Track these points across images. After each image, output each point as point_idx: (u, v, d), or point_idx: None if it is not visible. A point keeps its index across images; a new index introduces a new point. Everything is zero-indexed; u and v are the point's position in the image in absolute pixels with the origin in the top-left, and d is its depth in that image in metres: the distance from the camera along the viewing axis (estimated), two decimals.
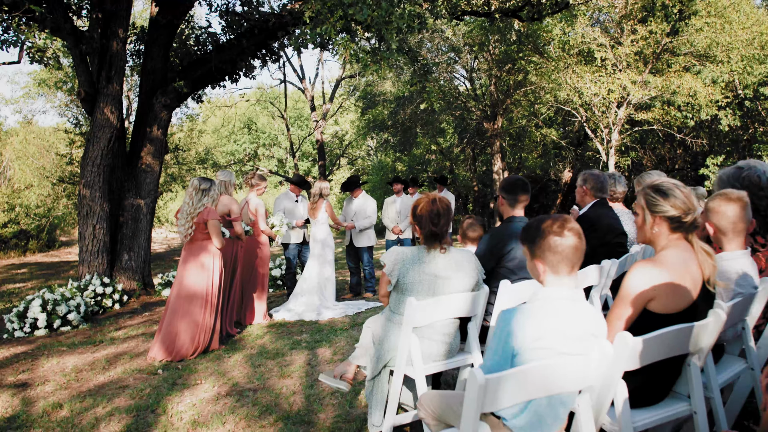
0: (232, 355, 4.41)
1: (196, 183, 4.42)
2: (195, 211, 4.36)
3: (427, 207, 2.36)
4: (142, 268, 8.15)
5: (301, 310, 5.94)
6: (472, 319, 2.46)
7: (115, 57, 7.69)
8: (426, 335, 2.37)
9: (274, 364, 4.08)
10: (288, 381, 3.68)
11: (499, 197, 2.83)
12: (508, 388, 1.34)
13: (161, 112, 8.49)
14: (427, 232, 2.37)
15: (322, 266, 6.28)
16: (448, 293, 2.34)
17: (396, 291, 2.39)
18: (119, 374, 4.05)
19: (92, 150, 7.55)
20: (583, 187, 3.36)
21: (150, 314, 6.48)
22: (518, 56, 18.95)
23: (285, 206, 6.60)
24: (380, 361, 2.38)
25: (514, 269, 2.62)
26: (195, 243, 4.48)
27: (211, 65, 8.71)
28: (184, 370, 4.06)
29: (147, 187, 8.33)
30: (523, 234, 1.67)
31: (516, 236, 2.66)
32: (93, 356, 4.60)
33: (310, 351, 4.38)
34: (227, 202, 4.94)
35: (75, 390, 3.75)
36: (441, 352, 2.39)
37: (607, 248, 3.10)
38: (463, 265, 2.41)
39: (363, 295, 7.03)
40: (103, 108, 7.58)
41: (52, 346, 5.09)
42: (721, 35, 14.52)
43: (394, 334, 2.35)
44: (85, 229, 7.53)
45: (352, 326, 5.18)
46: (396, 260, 2.38)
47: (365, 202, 7.01)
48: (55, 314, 6.08)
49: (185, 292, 4.42)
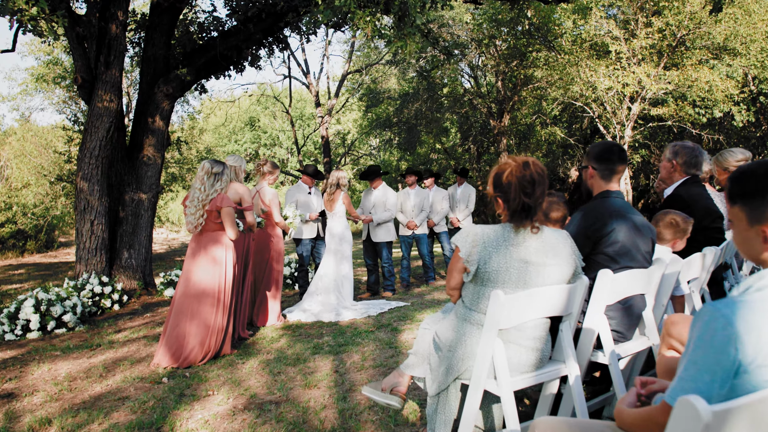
0: (247, 360, 3.90)
1: (207, 166, 3.92)
2: (207, 198, 3.85)
3: (517, 171, 1.83)
4: (143, 266, 7.66)
5: (318, 310, 5.43)
6: (564, 319, 1.95)
7: (114, 41, 7.20)
8: (512, 339, 1.86)
9: (295, 371, 3.57)
10: (315, 392, 3.17)
11: (587, 168, 2.31)
12: (740, 426, 0.83)
13: (163, 102, 8.01)
14: (516, 205, 1.82)
15: (339, 262, 5.78)
16: (542, 285, 1.85)
17: (474, 282, 1.88)
18: (118, 383, 3.54)
19: (90, 140, 7.07)
20: (673, 162, 2.85)
21: (152, 315, 5.98)
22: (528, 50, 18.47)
23: (298, 199, 6.10)
24: (450, 373, 1.86)
25: (615, 256, 2.11)
26: (205, 234, 3.98)
27: (215, 52, 8.23)
28: (192, 379, 3.55)
29: (148, 181, 7.84)
30: (737, 186, 1.13)
31: (616, 214, 2.15)
32: (89, 362, 4.10)
33: (335, 356, 3.87)
34: (238, 190, 4.44)
35: (67, 402, 3.24)
36: (531, 361, 1.88)
37: (705, 234, 2.60)
38: (559, 248, 1.90)
39: (382, 295, 6.51)
40: (101, 95, 7.09)
41: (44, 350, 4.60)
42: (742, 27, 14.05)
43: (472, 338, 1.84)
44: (83, 225, 7.05)
45: (378, 328, 4.67)
46: (475, 241, 1.86)
47: (385, 194, 6.49)
48: (49, 315, 5.60)
49: (194, 289, 3.91)
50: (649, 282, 2.13)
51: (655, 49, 16.04)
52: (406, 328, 4.58)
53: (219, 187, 3.89)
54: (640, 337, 2.24)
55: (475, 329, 1.85)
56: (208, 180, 3.86)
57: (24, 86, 19.01)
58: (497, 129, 21.76)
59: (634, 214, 2.20)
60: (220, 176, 3.91)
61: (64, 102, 18.99)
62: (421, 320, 4.89)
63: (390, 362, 3.63)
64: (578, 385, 1.86)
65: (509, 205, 1.84)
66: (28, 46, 18.10)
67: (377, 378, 3.32)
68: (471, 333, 1.85)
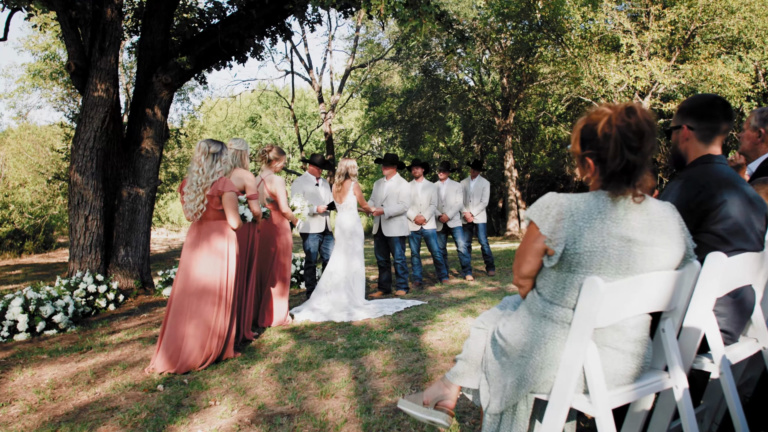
0: (252, 365, 3.48)
1: (204, 146, 3.49)
2: (208, 181, 3.43)
3: (618, 120, 1.37)
4: (141, 264, 7.25)
5: (328, 309, 5.01)
6: (665, 316, 1.53)
7: (109, 26, 6.81)
8: (609, 342, 1.43)
9: (308, 377, 3.15)
10: (333, 402, 2.74)
11: (681, 128, 1.87)
12: None
13: (161, 92, 7.62)
14: (616, 165, 1.38)
15: (350, 258, 5.36)
16: (648, 271, 1.43)
17: (559, 268, 1.45)
18: (107, 391, 3.12)
19: (84, 131, 6.68)
20: (761, 130, 2.39)
21: (149, 315, 5.57)
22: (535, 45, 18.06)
23: (305, 190, 5.69)
24: (522, 385, 1.44)
25: (727, 235, 1.67)
26: (206, 223, 3.55)
27: (216, 40, 7.84)
28: (191, 386, 3.14)
29: (146, 174, 7.44)
30: None
31: (726, 184, 1.71)
32: (77, 366, 3.69)
33: (352, 360, 3.44)
34: (242, 176, 4.02)
35: (48, 413, 2.83)
36: (630, 370, 1.44)
37: None
38: (667, 224, 1.46)
39: (394, 293, 6.08)
40: (96, 83, 6.70)
41: (30, 353, 4.19)
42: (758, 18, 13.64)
43: (555, 341, 1.41)
44: (77, 221, 6.65)
45: (396, 329, 4.25)
46: (560, 214, 1.41)
47: (399, 185, 6.05)
48: (38, 316, 5.20)
49: (194, 285, 3.48)
50: (760, 269, 1.71)
51: (667, 43, 15.63)
52: (428, 329, 4.16)
53: (219, 168, 3.48)
54: (747, 339, 1.82)
55: (559, 329, 1.42)
56: (206, 161, 3.44)
57: (21, 83, 18.63)
58: (502, 127, 21.37)
59: (745, 185, 1.77)
60: (219, 156, 3.49)
61: (62, 99, 18.64)
62: (442, 320, 4.46)
63: (415, 367, 3.21)
64: (687, 401, 1.45)
65: (605, 166, 1.40)
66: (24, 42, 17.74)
67: (405, 386, 2.90)
68: (553, 334, 1.42)
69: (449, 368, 3.11)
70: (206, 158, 3.45)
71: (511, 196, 20.79)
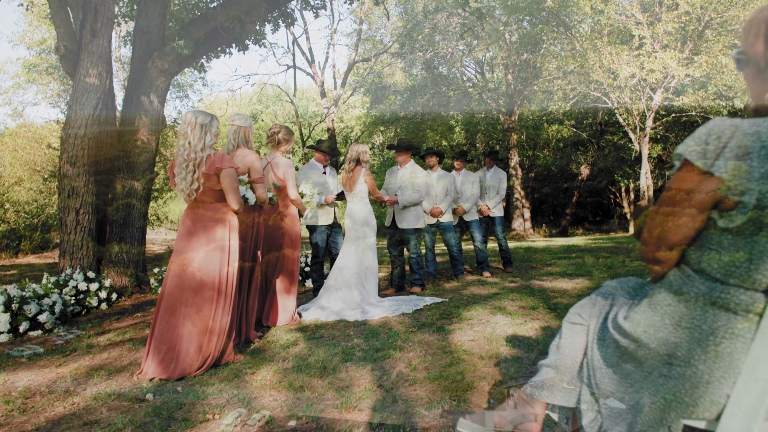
0: (257, 370, 3.01)
1: (190, 117, 3.00)
2: (197, 154, 2.95)
3: None
4: (136, 261, 6.80)
5: (339, 307, 4.55)
6: None
7: (101, 6, 6.36)
8: None
9: (324, 385, 2.68)
10: (356, 416, 2.27)
11: None
12: None
13: (158, 79, 7.17)
14: None
15: (362, 252, 4.89)
16: None
17: (741, 229, 0.96)
18: (87, 401, 2.66)
19: (75, 118, 6.23)
20: None
21: (143, 315, 5.11)
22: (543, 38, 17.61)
23: (311, 179, 5.22)
24: (671, 407, 0.95)
25: None
26: (203, 207, 3.09)
27: (215, 23, 7.40)
28: (186, 395, 2.67)
29: (141, 166, 7.00)
30: None
31: None
32: (57, 372, 3.22)
33: (374, 364, 2.97)
34: (247, 157, 3.55)
35: (15, 428, 2.37)
36: None
37: None
38: None
39: (409, 291, 5.60)
40: (87, 67, 6.26)
41: (8, 356, 3.73)
42: None
43: (735, 340, 0.94)
44: (67, 215, 6.21)
45: (419, 328, 3.77)
46: (743, 147, 0.95)
47: (413, 173, 5.57)
48: (21, 315, 4.75)
49: (190, 279, 3.01)
50: None
51: (680, 35, 15.19)
52: (456, 328, 3.69)
53: (210, 141, 3.01)
54: None
55: (741, 322, 0.94)
56: (193, 132, 2.96)
57: (16, 79, 18.22)
58: (507, 124, 20.91)
59: None
60: (209, 128, 3.01)
61: (58, 95, 18.24)
62: (470, 319, 3.98)
63: (450, 373, 2.73)
64: None
65: None
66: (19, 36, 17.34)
67: (443, 396, 2.41)
68: (729, 330, 0.94)
69: (496, 375, 2.64)
70: (192, 130, 2.97)
71: (516, 195, 20.33)
